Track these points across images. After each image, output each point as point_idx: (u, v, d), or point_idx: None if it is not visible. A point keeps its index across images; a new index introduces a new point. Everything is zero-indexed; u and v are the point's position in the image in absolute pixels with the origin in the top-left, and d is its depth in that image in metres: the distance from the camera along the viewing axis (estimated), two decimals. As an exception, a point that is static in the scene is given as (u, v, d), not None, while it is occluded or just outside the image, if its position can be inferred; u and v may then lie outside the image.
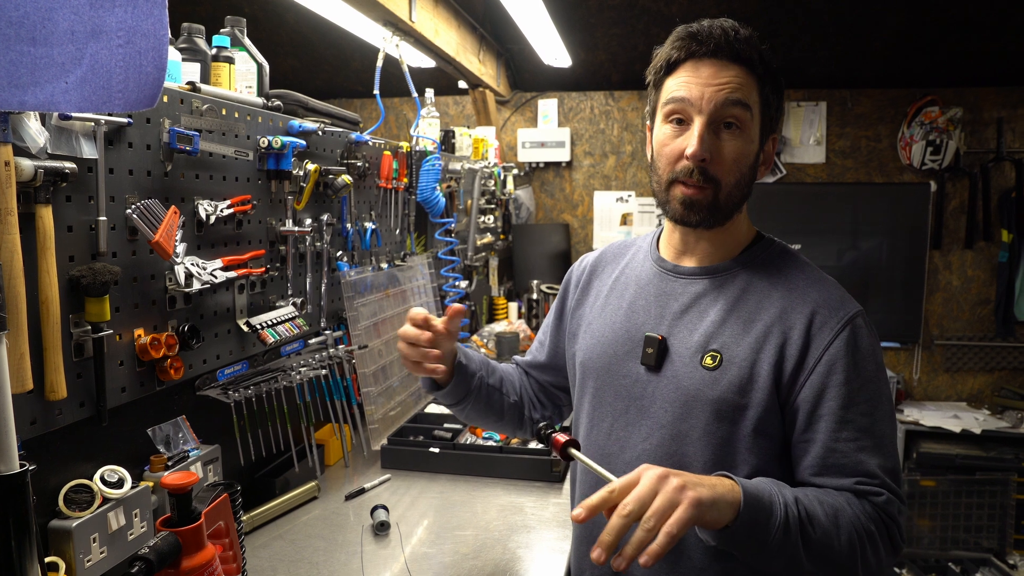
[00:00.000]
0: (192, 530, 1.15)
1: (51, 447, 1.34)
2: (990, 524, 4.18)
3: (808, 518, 1.08)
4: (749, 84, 1.21)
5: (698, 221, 1.25)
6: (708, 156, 1.20)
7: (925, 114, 4.36)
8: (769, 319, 1.21)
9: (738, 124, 1.21)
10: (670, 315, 1.30)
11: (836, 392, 1.16)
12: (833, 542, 1.09)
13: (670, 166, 1.24)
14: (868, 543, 1.11)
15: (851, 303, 1.22)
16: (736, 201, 1.26)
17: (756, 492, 1.06)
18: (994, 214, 4.48)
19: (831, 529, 1.09)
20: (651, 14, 4.01)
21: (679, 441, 1.23)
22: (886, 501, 1.14)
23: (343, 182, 2.19)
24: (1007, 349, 4.58)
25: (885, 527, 1.14)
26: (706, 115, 1.19)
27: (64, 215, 1.31)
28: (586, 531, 1.37)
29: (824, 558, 1.09)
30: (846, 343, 1.17)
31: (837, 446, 1.16)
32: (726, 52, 1.20)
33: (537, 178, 5.10)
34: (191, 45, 1.77)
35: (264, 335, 1.87)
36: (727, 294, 1.27)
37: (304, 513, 1.96)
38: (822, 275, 1.28)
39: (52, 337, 1.25)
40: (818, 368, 1.17)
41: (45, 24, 0.82)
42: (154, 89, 0.84)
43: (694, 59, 1.22)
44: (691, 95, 1.20)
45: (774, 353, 1.19)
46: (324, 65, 4.77)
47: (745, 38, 1.21)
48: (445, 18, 3.38)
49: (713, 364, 1.21)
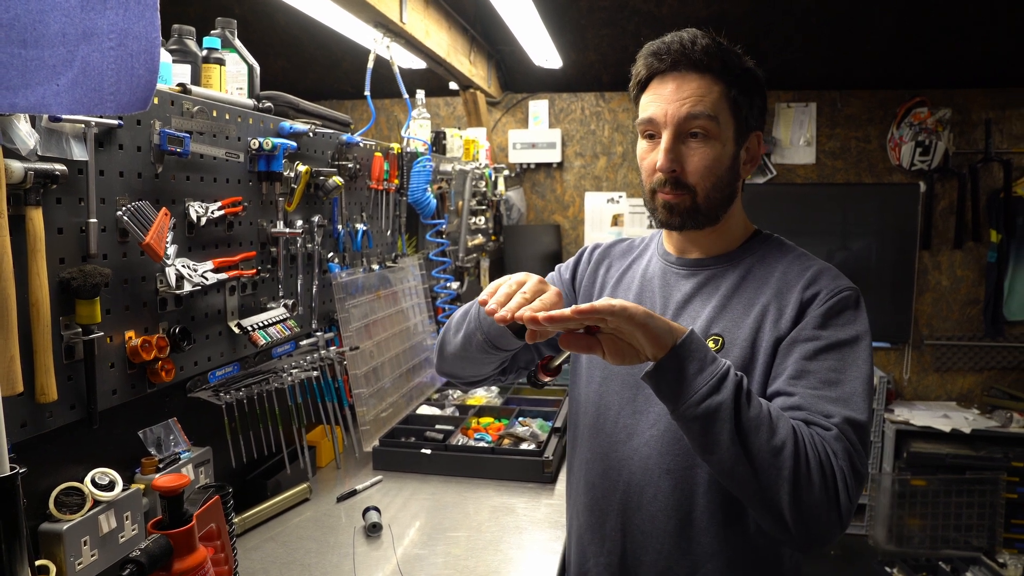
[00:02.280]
0: (184, 532, 1.14)
1: (42, 450, 1.33)
2: (980, 523, 4.21)
3: (748, 396, 1.05)
4: (712, 92, 1.24)
5: (680, 224, 1.29)
6: (677, 167, 1.25)
7: (914, 115, 4.39)
8: (765, 300, 1.25)
9: (704, 132, 1.24)
10: (673, 305, 1.34)
11: (804, 347, 1.17)
12: (764, 434, 1.03)
13: (649, 177, 1.30)
14: (806, 459, 1.03)
15: (845, 281, 1.25)
16: (718, 203, 1.29)
17: (702, 344, 1.06)
18: (983, 214, 4.52)
19: (766, 422, 1.04)
20: (641, 15, 4.02)
21: None
22: (835, 436, 1.07)
23: (334, 183, 2.19)
24: (996, 349, 4.61)
25: (831, 452, 1.06)
26: (670, 130, 1.24)
27: (54, 217, 1.31)
28: (588, 525, 1.39)
29: (751, 451, 1.03)
30: (828, 307, 1.20)
31: (795, 390, 1.14)
32: (685, 65, 1.24)
33: (528, 179, 5.11)
34: (181, 46, 1.77)
35: (255, 337, 1.87)
36: (727, 282, 1.31)
37: (296, 515, 1.96)
38: (818, 260, 1.32)
39: (42, 339, 1.25)
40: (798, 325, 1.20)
41: (36, 26, 0.81)
42: (146, 92, 0.84)
43: (659, 75, 1.27)
44: (655, 114, 1.26)
45: (771, 328, 1.22)
46: (314, 66, 4.76)
47: (704, 47, 1.23)
48: (436, 19, 3.38)
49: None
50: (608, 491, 1.34)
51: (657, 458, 1.27)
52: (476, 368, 1.47)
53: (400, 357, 2.74)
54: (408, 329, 2.85)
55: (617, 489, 1.32)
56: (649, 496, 1.28)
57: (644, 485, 1.28)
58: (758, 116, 1.32)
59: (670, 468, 1.26)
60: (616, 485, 1.33)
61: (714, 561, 1.24)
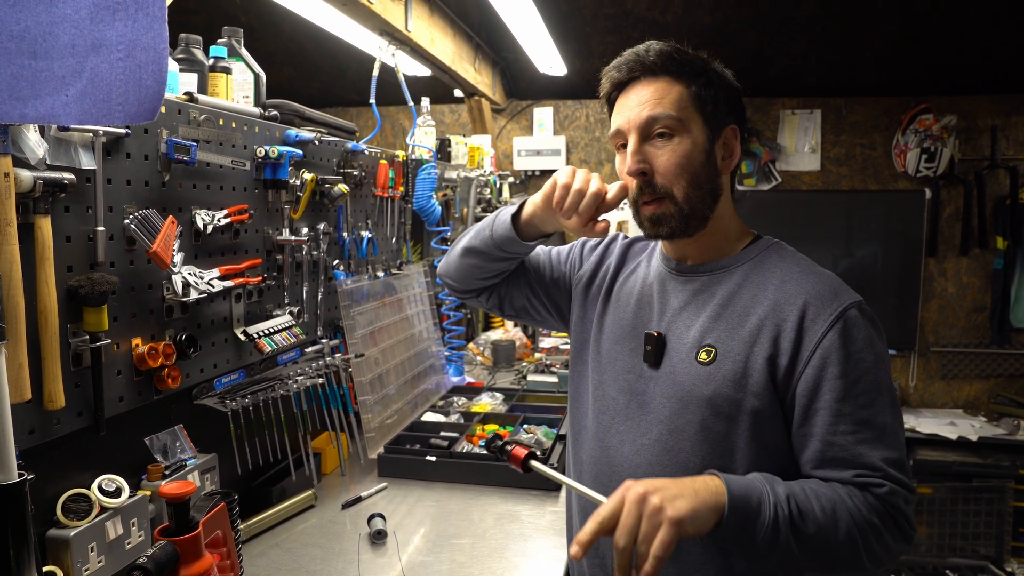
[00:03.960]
0: (190, 539, 1.15)
1: (49, 456, 1.34)
2: (987, 531, 4.18)
3: (801, 515, 1.08)
4: (672, 92, 1.24)
5: (669, 233, 1.28)
6: (646, 167, 1.24)
7: (919, 122, 4.39)
8: (763, 312, 1.22)
9: (669, 131, 1.24)
10: (669, 312, 1.33)
11: (831, 386, 1.16)
12: (830, 537, 1.10)
13: (629, 192, 1.30)
14: (872, 535, 1.12)
15: (846, 294, 1.21)
16: (699, 202, 1.26)
17: (744, 494, 1.07)
18: (989, 221, 4.50)
19: (828, 524, 1.09)
20: (646, 23, 4.03)
21: (676, 436, 1.24)
22: (889, 492, 1.13)
23: (339, 191, 2.20)
24: (1003, 356, 4.59)
25: (891, 518, 1.13)
26: (634, 133, 1.25)
27: (63, 225, 1.32)
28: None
29: (822, 552, 1.10)
30: (839, 335, 1.17)
31: (835, 439, 1.15)
32: (640, 71, 1.26)
33: (533, 186, 5.11)
34: (188, 55, 1.78)
35: (261, 344, 1.88)
36: (723, 290, 1.29)
37: (301, 522, 1.96)
38: (818, 268, 1.28)
39: (50, 347, 1.26)
40: (812, 361, 1.17)
41: (46, 38, 0.82)
42: (154, 102, 0.85)
43: (621, 89, 1.30)
44: (622, 124, 1.27)
45: (768, 346, 1.19)
46: (320, 74, 4.79)
47: (657, 52, 1.25)
48: (441, 27, 3.40)
49: (708, 359, 1.23)
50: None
51: (647, 467, 1.26)
52: (473, 272, 1.55)
53: (405, 364, 2.74)
54: (413, 336, 2.85)
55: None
56: None
57: None
58: (730, 111, 1.30)
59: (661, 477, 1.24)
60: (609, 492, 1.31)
61: (704, 570, 1.23)
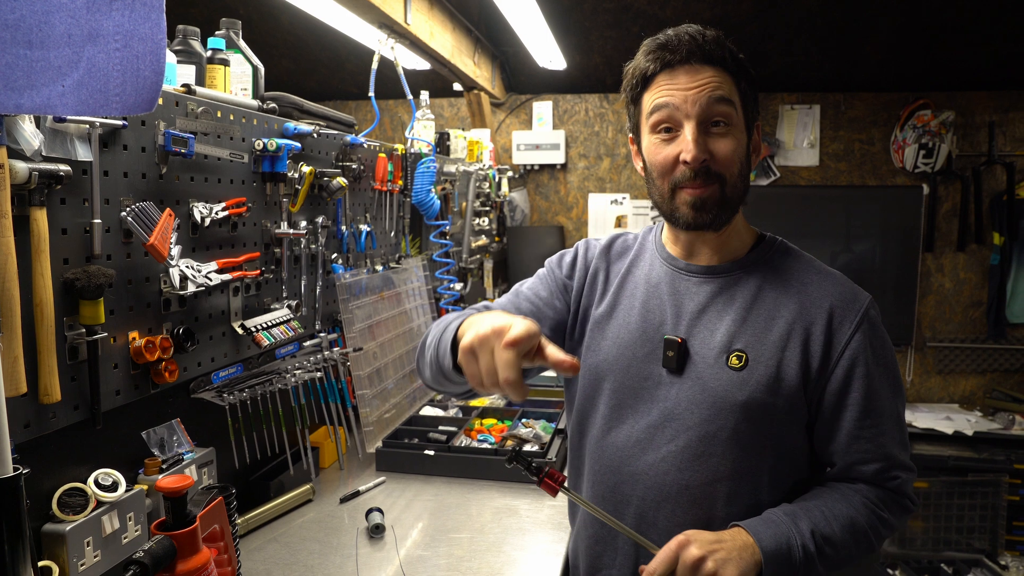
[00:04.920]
0: (187, 533, 1.15)
1: (45, 450, 1.33)
2: (982, 525, 4.19)
3: (827, 543, 1.19)
4: (727, 81, 1.23)
5: (711, 220, 1.25)
6: (707, 156, 1.21)
7: (917, 117, 4.38)
8: (790, 316, 1.24)
9: (725, 120, 1.22)
10: (688, 315, 1.30)
11: (860, 383, 1.23)
12: (852, 550, 1.22)
13: (668, 175, 1.25)
14: (882, 527, 1.25)
15: (862, 294, 1.28)
16: (740, 193, 1.27)
17: (775, 547, 1.16)
18: (986, 217, 4.51)
19: (849, 541, 1.21)
20: (646, 17, 4.02)
21: (707, 443, 1.24)
22: (901, 483, 1.26)
23: (338, 184, 2.19)
24: (999, 351, 4.60)
25: (898, 505, 1.27)
26: (695, 118, 1.21)
27: (59, 218, 1.31)
28: (599, 537, 1.37)
29: (845, 562, 1.22)
30: (865, 335, 1.24)
31: (862, 433, 1.24)
32: (698, 56, 1.22)
33: (532, 180, 5.11)
34: (186, 47, 1.77)
35: (259, 338, 1.87)
36: (743, 293, 1.28)
37: (299, 516, 1.96)
38: (829, 269, 1.32)
39: (46, 340, 1.25)
40: (842, 362, 1.23)
41: (42, 27, 0.81)
42: (152, 93, 0.84)
43: (668, 69, 1.23)
44: (676, 101, 1.21)
45: (799, 352, 1.23)
46: (319, 67, 4.77)
47: (713, 39, 1.23)
48: (440, 21, 3.38)
49: (739, 364, 1.23)
50: (620, 505, 1.31)
51: (676, 474, 1.25)
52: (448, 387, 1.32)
53: (403, 358, 2.74)
54: (412, 330, 2.85)
55: (630, 504, 1.30)
56: (667, 512, 1.26)
57: (661, 501, 1.26)
58: (756, 108, 1.32)
59: (689, 484, 1.24)
60: (629, 500, 1.30)
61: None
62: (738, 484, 1.24)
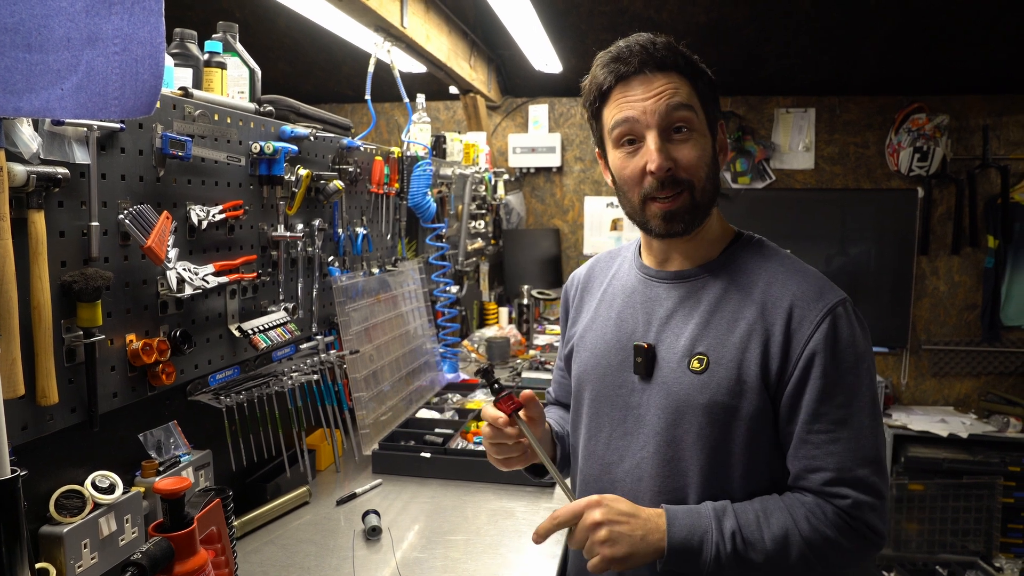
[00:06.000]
0: (185, 535, 1.15)
1: (42, 453, 1.33)
2: (977, 527, 4.21)
3: (747, 547, 1.15)
4: (683, 85, 1.23)
5: (683, 229, 1.25)
6: (671, 165, 1.22)
7: (912, 121, 4.41)
8: (751, 317, 1.22)
9: (687, 125, 1.22)
10: (657, 322, 1.30)
11: (813, 385, 1.17)
12: (780, 563, 1.15)
13: (637, 187, 1.25)
14: (829, 550, 1.16)
15: (831, 292, 1.22)
16: (711, 196, 1.27)
17: (685, 537, 1.15)
18: (980, 220, 4.53)
19: (777, 551, 1.15)
20: (642, 20, 4.03)
21: (674, 447, 1.24)
22: (852, 504, 1.15)
23: (335, 187, 2.19)
24: (993, 354, 4.62)
25: (852, 530, 1.16)
26: (655, 127, 1.21)
27: (56, 220, 1.31)
28: None
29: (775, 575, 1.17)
30: (825, 335, 1.18)
31: (810, 438, 1.18)
32: (651, 65, 1.22)
33: (528, 183, 5.11)
34: (183, 50, 1.77)
35: (256, 340, 1.87)
36: (709, 295, 1.27)
37: (295, 518, 1.96)
38: (802, 266, 1.28)
39: (44, 342, 1.25)
40: (800, 363, 1.18)
41: (40, 31, 0.82)
42: (151, 96, 0.84)
43: (623, 80, 1.24)
44: (635, 113, 1.22)
45: (759, 352, 1.20)
46: (315, 70, 4.77)
47: (664, 45, 1.23)
48: (436, 24, 3.39)
49: (700, 367, 1.22)
50: None
51: (648, 480, 1.26)
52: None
53: (400, 361, 2.74)
54: (408, 333, 2.85)
55: None
56: None
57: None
58: (717, 108, 1.31)
59: (661, 489, 1.25)
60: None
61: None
62: (708, 488, 1.22)
